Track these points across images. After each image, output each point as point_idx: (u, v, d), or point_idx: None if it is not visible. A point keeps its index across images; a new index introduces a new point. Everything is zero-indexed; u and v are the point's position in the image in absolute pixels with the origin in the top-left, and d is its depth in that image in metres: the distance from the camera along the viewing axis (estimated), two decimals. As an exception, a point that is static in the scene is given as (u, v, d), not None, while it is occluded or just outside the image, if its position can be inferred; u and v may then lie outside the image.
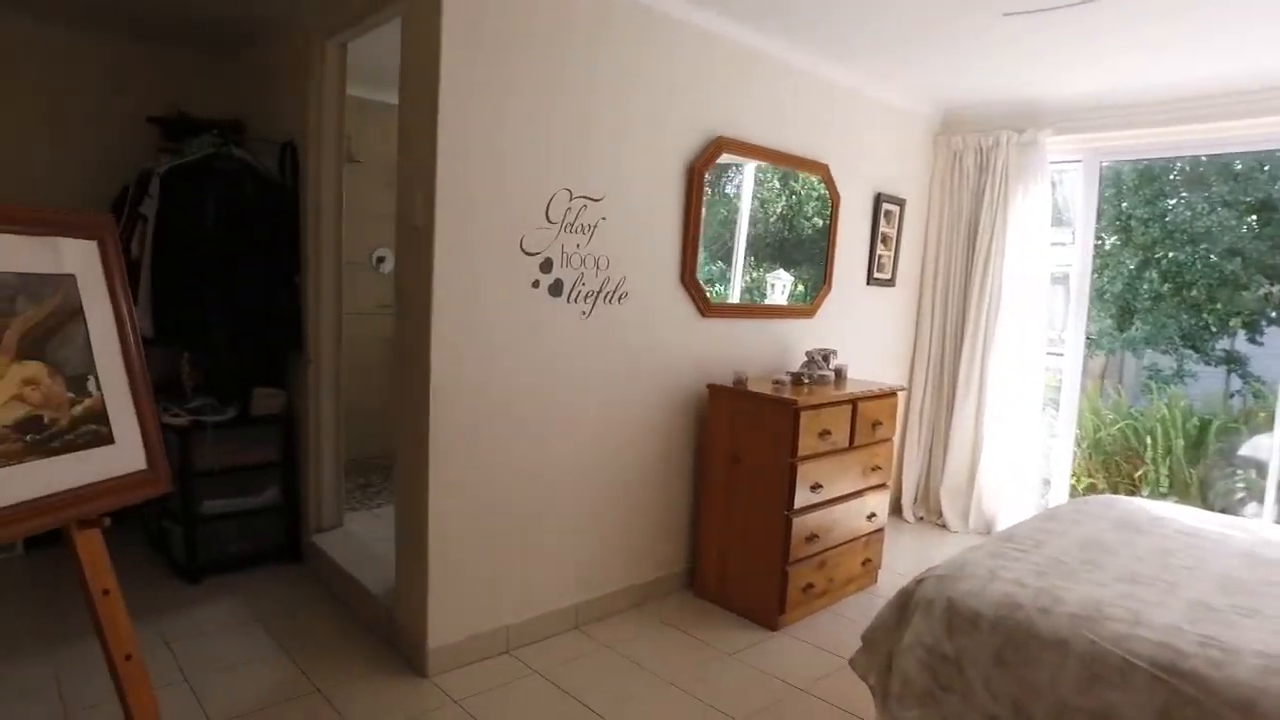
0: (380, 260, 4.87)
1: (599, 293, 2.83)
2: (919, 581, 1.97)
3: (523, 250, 2.60)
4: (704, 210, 3.11)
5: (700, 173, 3.04)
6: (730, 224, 3.38)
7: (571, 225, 2.71)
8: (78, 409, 1.66)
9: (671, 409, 3.15)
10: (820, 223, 3.72)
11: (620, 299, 2.90)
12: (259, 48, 3.72)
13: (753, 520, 3.06)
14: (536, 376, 2.70)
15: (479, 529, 2.61)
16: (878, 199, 4.03)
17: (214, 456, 3.17)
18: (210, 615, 2.89)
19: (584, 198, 2.73)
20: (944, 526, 4.35)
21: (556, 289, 2.71)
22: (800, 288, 3.69)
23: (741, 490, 3.09)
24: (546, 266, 2.67)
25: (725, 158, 3.19)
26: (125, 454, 1.74)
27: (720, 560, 3.18)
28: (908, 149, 4.20)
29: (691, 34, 2.96)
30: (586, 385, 2.85)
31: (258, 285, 3.20)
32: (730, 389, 3.11)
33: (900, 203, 4.18)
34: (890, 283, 4.23)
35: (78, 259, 1.71)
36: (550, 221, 2.65)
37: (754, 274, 3.52)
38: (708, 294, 3.19)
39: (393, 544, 2.73)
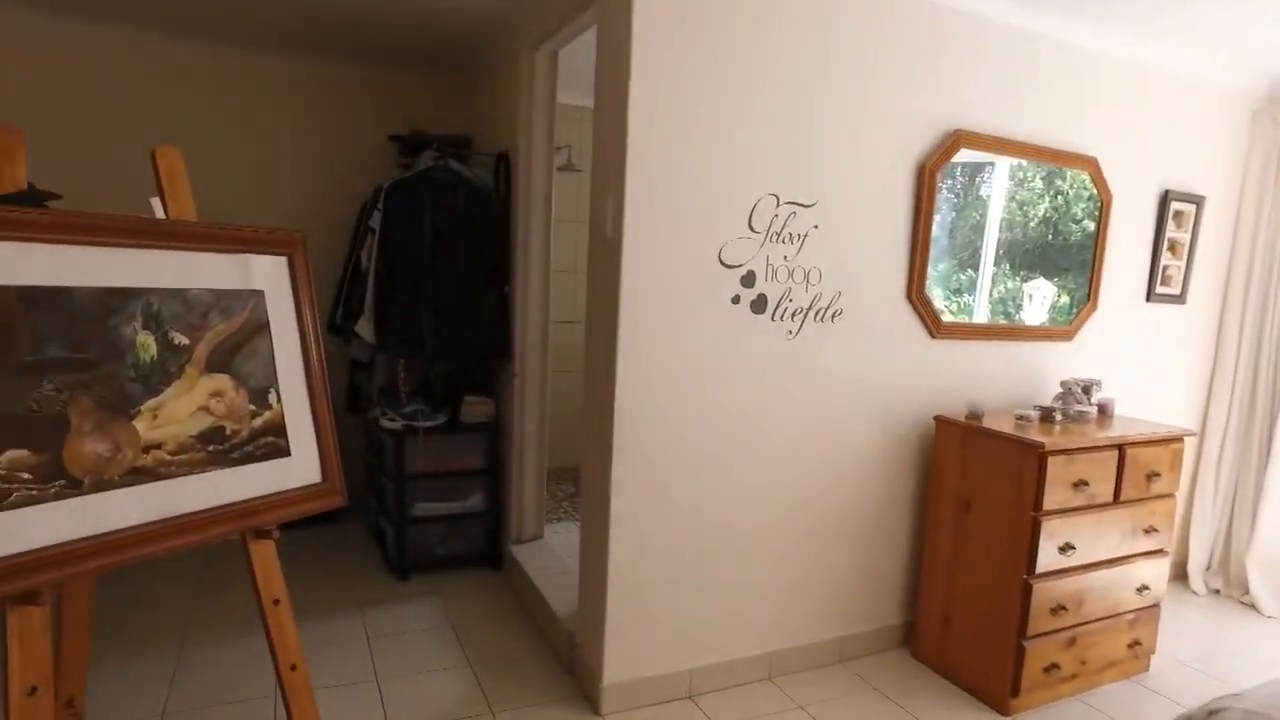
0: (598, 269, 4.87)
1: (808, 310, 2.52)
2: (1212, 714, 1.46)
3: (721, 262, 2.37)
4: (936, 216, 2.68)
5: (933, 173, 2.62)
6: (980, 229, 2.90)
7: (778, 235, 2.44)
8: (258, 421, 1.69)
9: (891, 442, 2.75)
10: (1091, 226, 3.10)
11: (833, 317, 2.57)
12: (480, 65, 3.84)
13: (984, 579, 2.58)
14: (733, 400, 2.45)
15: (663, 559, 2.42)
16: (1164, 197, 3.29)
17: (425, 460, 3.28)
18: (411, 614, 2.97)
19: (793, 204, 2.44)
20: (1251, 606, 3.47)
21: (759, 305, 2.45)
22: (1064, 299, 3.10)
23: (971, 542, 2.63)
24: (748, 280, 2.42)
25: (967, 155, 2.73)
26: (301, 467, 1.76)
27: (943, 620, 2.73)
28: (1208, 133, 3.39)
29: (924, 10, 2.55)
30: (791, 411, 2.55)
31: (468, 295, 3.27)
32: (962, 424, 2.66)
33: (1196, 201, 3.39)
34: (1179, 299, 3.45)
35: (267, 275, 1.75)
36: (754, 231, 2.40)
37: (1009, 284, 3.00)
38: (940, 311, 2.75)
39: (582, 565, 2.63)
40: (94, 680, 2.38)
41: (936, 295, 2.77)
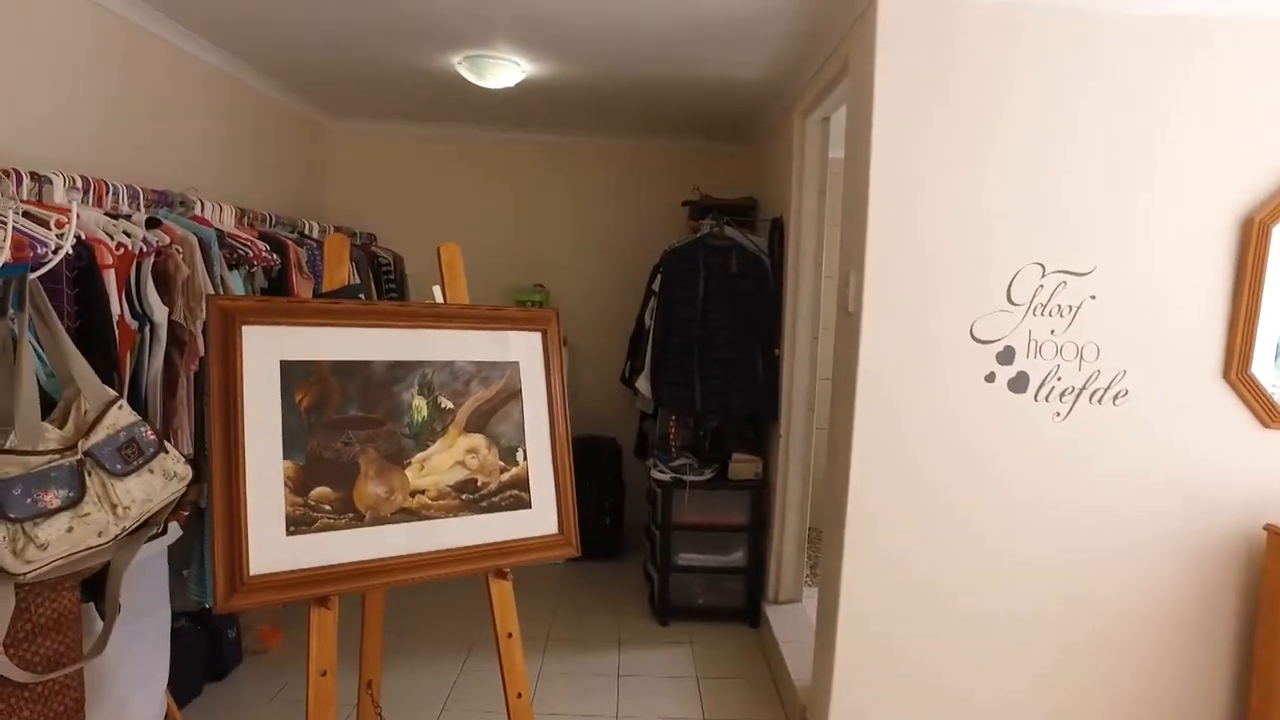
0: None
1: (1081, 390, 2.23)
2: None
3: (973, 338, 2.21)
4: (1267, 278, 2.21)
5: (1265, 228, 2.17)
6: None
7: (1043, 307, 2.21)
8: (505, 476, 1.96)
9: (1197, 556, 2.29)
10: None
11: (1115, 399, 2.24)
12: (762, 133, 4.03)
13: (1334, 744, 2.03)
14: (984, 489, 2.25)
15: (898, 656, 2.29)
16: None
17: (690, 512, 3.45)
18: (662, 659, 3.13)
19: (1063, 272, 2.19)
20: None
21: (1019, 384, 2.23)
22: None
23: (1315, 693, 2.08)
24: (1006, 357, 2.22)
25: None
26: (540, 518, 1.99)
27: (1275, 785, 2.18)
28: None
29: (1245, 32, 2.14)
30: (1057, 508, 2.26)
31: (737, 357, 3.40)
32: (1303, 539, 2.13)
33: None
34: None
35: (523, 348, 2.03)
36: (1013, 303, 2.20)
37: None
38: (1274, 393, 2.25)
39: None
40: (393, 671, 2.88)
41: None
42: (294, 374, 1.71)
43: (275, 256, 2.80)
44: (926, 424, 2.23)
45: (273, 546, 1.63)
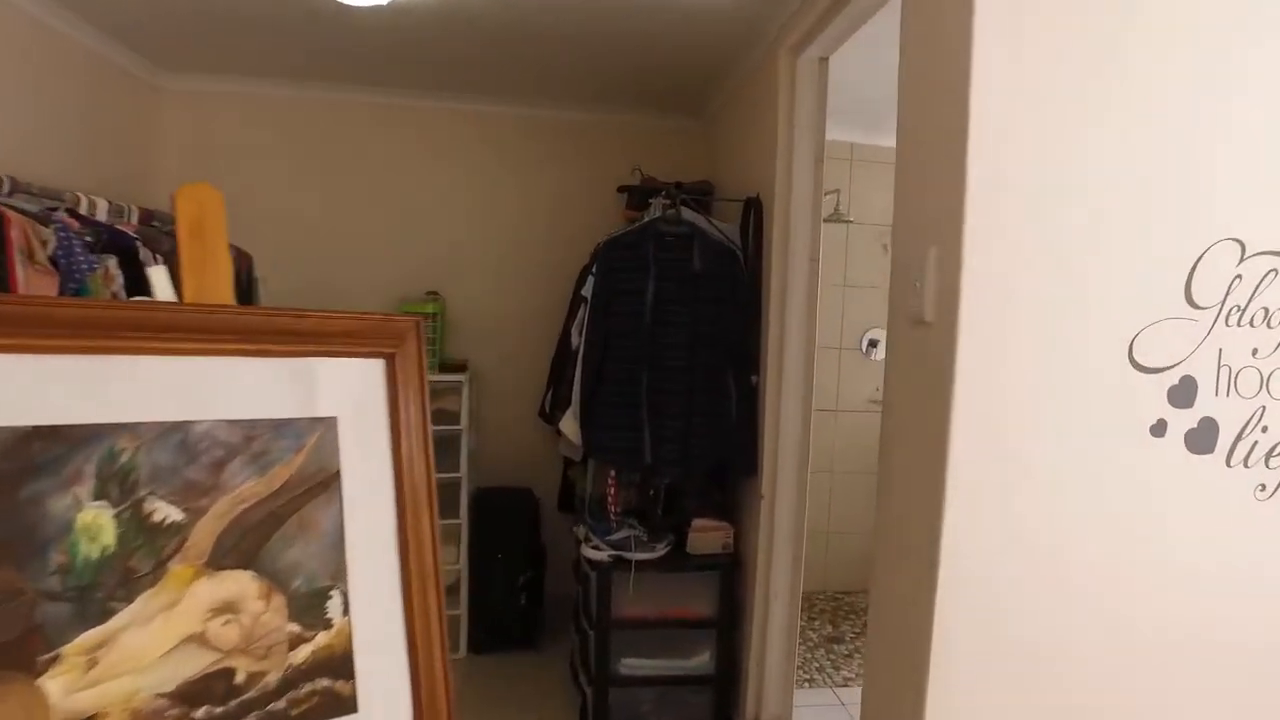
0: (873, 345, 3.87)
1: (1297, 448, 1.39)
2: None
3: (1133, 362, 1.33)
4: None
5: None
6: None
7: (1240, 311, 1.35)
8: (302, 652, 0.96)
9: None
10: None
11: (1348, 462, 1.40)
12: (723, 91, 3.14)
13: None
14: (1151, 600, 1.37)
15: None
16: None
17: (637, 603, 2.48)
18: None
19: (1273, 254, 1.35)
20: None
21: (1203, 439, 1.35)
22: None
23: None
24: (1183, 395, 1.35)
25: None
26: (377, 733, 1.00)
27: None
28: None
29: None
30: (1264, 635, 1.40)
31: (703, 386, 2.47)
32: None
33: None
34: None
35: (346, 390, 1.03)
36: (1196, 305, 1.33)
37: None
38: None
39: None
40: None
41: None
42: None
43: (-24, 233, 1.72)
44: (1059, 494, 1.34)
45: None
